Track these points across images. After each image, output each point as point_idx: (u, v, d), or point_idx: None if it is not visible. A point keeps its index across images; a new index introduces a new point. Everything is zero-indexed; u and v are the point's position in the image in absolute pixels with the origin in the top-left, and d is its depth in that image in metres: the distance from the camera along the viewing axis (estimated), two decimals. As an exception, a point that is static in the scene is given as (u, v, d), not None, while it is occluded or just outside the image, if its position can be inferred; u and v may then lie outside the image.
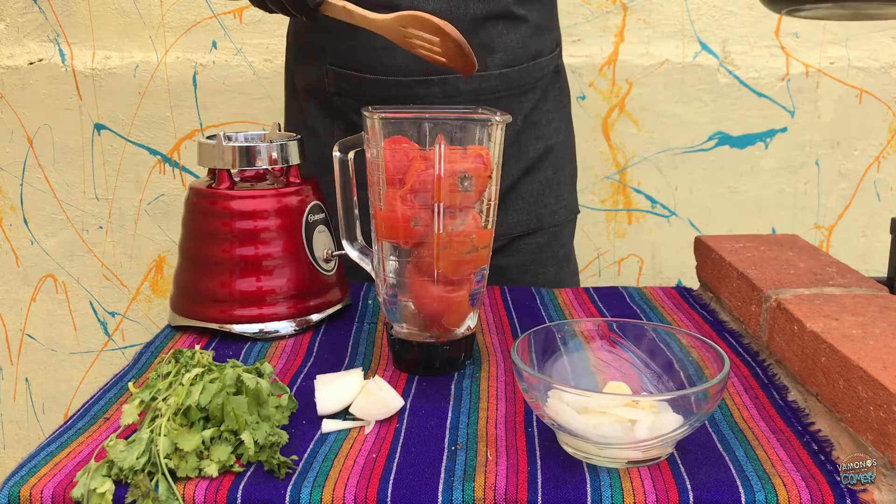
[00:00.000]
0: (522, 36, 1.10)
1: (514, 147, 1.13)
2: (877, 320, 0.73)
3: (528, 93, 1.13)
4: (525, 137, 1.14)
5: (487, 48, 1.07)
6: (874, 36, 1.66)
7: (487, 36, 1.07)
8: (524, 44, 1.10)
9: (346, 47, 1.08)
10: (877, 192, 1.73)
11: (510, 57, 1.09)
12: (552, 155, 1.17)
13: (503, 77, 1.09)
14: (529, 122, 1.14)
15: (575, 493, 0.59)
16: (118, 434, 0.66)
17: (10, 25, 1.66)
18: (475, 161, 0.73)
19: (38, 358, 1.82)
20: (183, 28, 1.65)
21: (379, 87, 1.07)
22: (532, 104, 1.14)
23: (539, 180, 1.16)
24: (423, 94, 1.07)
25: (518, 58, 1.10)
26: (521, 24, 1.09)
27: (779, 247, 0.98)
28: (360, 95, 1.09)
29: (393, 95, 1.07)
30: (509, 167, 1.13)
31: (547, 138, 1.16)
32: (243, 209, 0.88)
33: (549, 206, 1.17)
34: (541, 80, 1.14)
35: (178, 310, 0.91)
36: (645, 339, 0.72)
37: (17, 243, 1.76)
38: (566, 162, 1.21)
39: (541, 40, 1.13)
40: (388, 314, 0.80)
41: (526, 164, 1.15)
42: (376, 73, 1.07)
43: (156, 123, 1.69)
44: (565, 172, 1.20)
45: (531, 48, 1.11)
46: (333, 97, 1.11)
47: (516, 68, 1.10)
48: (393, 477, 0.61)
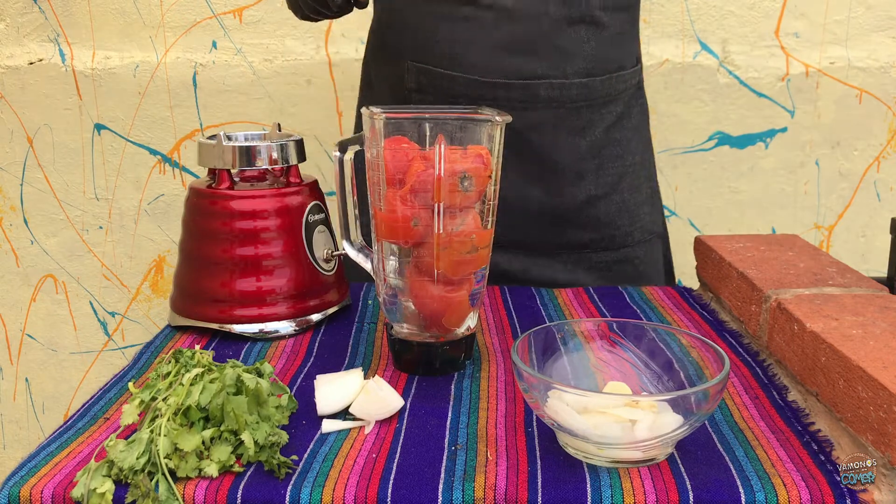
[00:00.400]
0: (604, 44, 1.07)
1: (594, 163, 1.11)
2: (877, 320, 0.73)
3: (608, 104, 1.10)
4: (606, 155, 1.12)
5: (566, 53, 1.05)
6: (874, 36, 1.66)
7: (568, 40, 1.05)
8: (606, 53, 1.08)
9: (427, 43, 1.07)
10: (877, 192, 1.73)
11: (591, 65, 1.07)
12: (629, 176, 1.15)
13: (583, 87, 1.07)
14: (611, 138, 1.12)
15: (575, 493, 0.59)
16: (118, 434, 0.66)
17: (10, 25, 1.66)
18: (475, 161, 0.73)
19: (38, 358, 1.82)
20: (183, 28, 1.65)
21: (458, 85, 1.06)
22: (614, 118, 1.12)
23: (616, 202, 1.14)
24: (501, 97, 1.06)
25: (599, 67, 1.08)
26: (604, 31, 1.07)
27: (779, 247, 0.98)
28: (439, 92, 1.08)
29: (470, 95, 1.06)
30: (587, 183, 1.11)
31: (625, 158, 1.14)
32: (243, 209, 0.88)
33: (623, 228, 1.15)
34: (623, 93, 1.12)
35: (179, 310, 0.91)
36: (645, 339, 0.72)
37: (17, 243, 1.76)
38: (643, 181, 1.18)
39: (623, 52, 1.11)
40: (388, 314, 0.80)
41: (604, 184, 1.12)
42: (455, 70, 1.06)
43: (156, 123, 1.69)
44: (642, 192, 1.18)
45: (613, 59, 1.09)
46: (412, 93, 1.10)
47: (598, 79, 1.08)
48: (393, 477, 0.61)
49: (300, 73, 1.66)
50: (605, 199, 1.13)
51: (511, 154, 1.07)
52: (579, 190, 1.11)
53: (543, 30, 1.03)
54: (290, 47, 1.65)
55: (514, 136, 1.07)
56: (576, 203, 1.11)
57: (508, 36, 1.03)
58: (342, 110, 1.68)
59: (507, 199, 1.09)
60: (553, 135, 1.08)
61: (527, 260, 1.13)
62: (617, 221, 1.14)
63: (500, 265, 1.12)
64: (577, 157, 1.10)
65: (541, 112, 1.06)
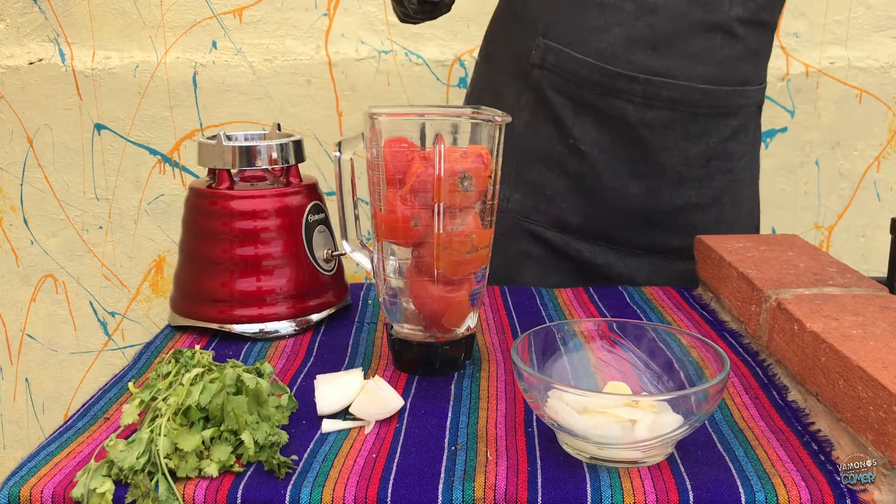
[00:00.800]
0: (735, 57, 1.07)
1: (702, 171, 1.10)
2: (877, 320, 0.73)
3: (728, 117, 1.10)
4: (715, 166, 1.11)
5: (697, 57, 1.05)
6: (874, 36, 1.66)
7: (700, 45, 1.04)
8: (735, 66, 1.07)
9: (562, 23, 1.07)
10: (877, 192, 1.73)
11: (717, 73, 1.06)
12: (733, 190, 1.14)
13: (707, 93, 1.06)
14: (725, 151, 1.11)
15: (575, 493, 0.59)
16: (118, 434, 0.66)
17: (10, 25, 1.66)
18: (475, 161, 0.73)
19: (38, 358, 1.83)
20: (183, 28, 1.65)
21: (582, 69, 1.06)
22: (731, 132, 1.11)
23: (714, 214, 1.13)
24: (622, 88, 1.05)
25: (725, 78, 1.07)
26: (738, 43, 1.06)
27: (779, 247, 0.98)
28: (563, 72, 1.07)
29: (592, 80, 1.06)
30: (688, 189, 1.10)
31: (734, 173, 1.13)
32: (243, 209, 0.88)
33: None
34: (745, 108, 1.11)
35: (179, 310, 0.91)
36: (645, 339, 0.72)
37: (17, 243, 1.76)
38: (745, 199, 1.17)
39: (752, 68, 1.10)
40: (388, 314, 0.80)
41: (707, 195, 1.11)
42: (584, 54, 1.06)
43: (156, 123, 1.69)
44: (743, 209, 1.17)
45: (741, 72, 1.09)
46: (534, 69, 1.10)
47: (723, 88, 1.07)
48: (393, 477, 0.61)
49: (300, 73, 1.66)
50: (703, 209, 1.12)
51: (618, 146, 1.08)
52: (679, 195, 1.10)
53: (680, 30, 1.04)
54: (290, 47, 1.65)
55: (626, 129, 1.07)
56: (673, 207, 1.11)
57: (645, 30, 1.03)
58: (342, 110, 1.68)
59: (605, 189, 1.10)
60: (665, 136, 1.07)
61: (612, 255, 1.13)
62: (710, 233, 1.12)
63: (585, 255, 1.13)
64: (684, 162, 1.09)
65: (658, 111, 1.06)
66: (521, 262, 1.14)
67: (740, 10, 1.05)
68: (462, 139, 0.74)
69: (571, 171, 1.10)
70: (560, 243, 1.13)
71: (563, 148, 1.10)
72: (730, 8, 1.04)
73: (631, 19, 1.04)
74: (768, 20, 1.10)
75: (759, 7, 1.06)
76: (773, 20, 1.11)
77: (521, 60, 1.12)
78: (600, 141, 1.08)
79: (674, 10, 1.03)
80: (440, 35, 1.65)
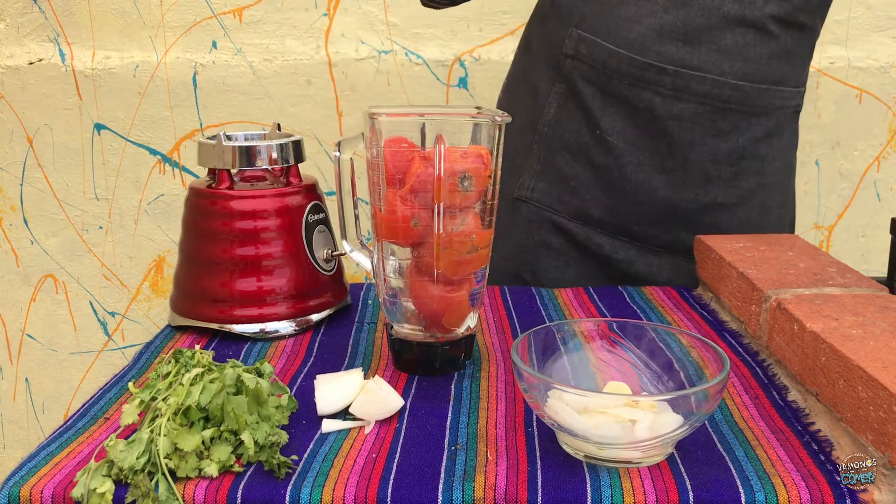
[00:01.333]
0: (769, 55, 1.06)
1: (730, 170, 1.09)
2: (877, 320, 0.73)
3: (760, 116, 1.08)
4: (745, 166, 1.10)
5: (728, 52, 1.04)
6: (874, 36, 1.66)
7: (732, 40, 1.04)
8: (768, 62, 1.06)
9: (596, 13, 1.07)
10: (877, 192, 1.73)
11: (749, 69, 1.05)
12: (762, 194, 1.12)
13: (738, 89, 1.05)
14: (756, 152, 1.10)
15: (575, 493, 0.59)
16: (118, 434, 0.66)
17: (10, 25, 1.66)
18: (475, 161, 0.73)
19: (38, 358, 1.82)
20: (183, 28, 1.65)
21: (614, 59, 1.06)
22: (764, 132, 1.09)
23: (740, 216, 1.11)
24: (651, 80, 1.05)
25: (758, 75, 1.06)
26: (771, 41, 1.05)
27: (779, 247, 0.98)
28: (594, 62, 1.07)
29: (622, 71, 1.06)
30: (715, 187, 1.09)
31: (764, 175, 1.11)
32: (243, 209, 0.88)
33: None
34: (779, 109, 1.10)
35: (178, 310, 0.91)
36: (645, 339, 0.72)
37: (17, 243, 1.76)
38: (775, 205, 1.15)
39: (788, 67, 1.08)
40: (388, 314, 0.80)
41: (734, 195, 1.10)
42: (615, 44, 1.06)
43: (156, 123, 1.69)
44: (771, 215, 1.15)
45: (775, 71, 1.07)
46: (567, 59, 1.10)
47: (755, 85, 1.06)
48: (393, 477, 0.61)
49: (300, 73, 1.66)
50: (729, 210, 1.11)
51: (644, 137, 1.07)
52: (705, 192, 1.09)
53: (712, 24, 1.03)
54: (290, 47, 1.65)
55: (653, 122, 1.07)
56: (698, 205, 1.10)
57: (676, 22, 1.03)
58: (342, 110, 1.68)
59: (629, 181, 1.09)
60: (692, 130, 1.06)
61: (634, 251, 1.12)
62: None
63: (605, 249, 1.12)
64: (711, 158, 1.08)
65: (686, 104, 1.05)
66: (540, 252, 1.14)
67: (775, 7, 1.04)
68: (462, 139, 0.74)
69: (597, 162, 1.09)
70: (581, 235, 1.12)
71: (590, 139, 1.09)
72: (764, 5, 1.03)
73: (662, 11, 1.04)
74: (806, 22, 1.08)
75: (794, 7, 1.05)
76: (811, 23, 1.09)
77: (555, 51, 1.12)
78: (627, 132, 1.08)
79: (706, 3, 1.03)
80: (440, 35, 1.65)
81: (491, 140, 0.75)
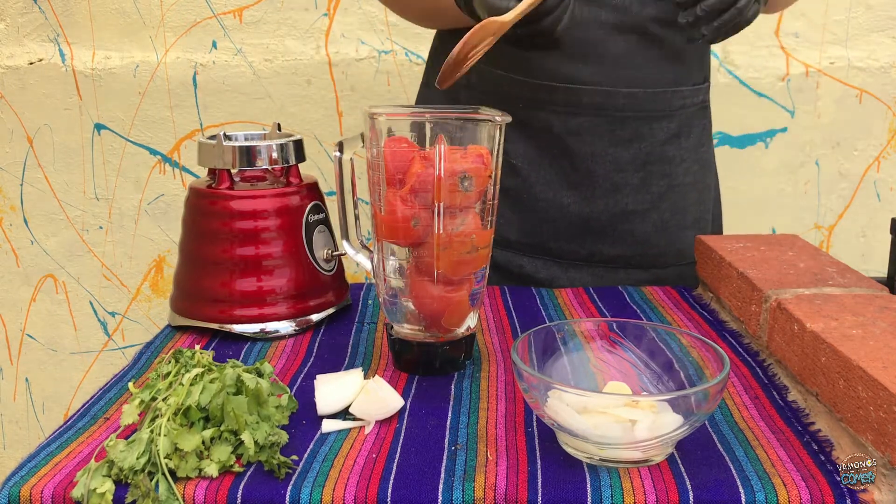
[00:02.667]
0: (659, 58, 1.05)
1: (637, 176, 1.08)
2: (877, 320, 0.73)
3: (662, 120, 1.07)
4: (652, 171, 1.09)
5: (614, 62, 1.03)
6: (874, 36, 1.66)
7: (616, 49, 1.03)
8: (658, 66, 1.05)
9: None
10: (877, 192, 1.74)
11: (640, 75, 1.04)
12: (674, 194, 1.11)
13: (631, 97, 1.04)
14: (662, 156, 1.09)
15: (575, 493, 0.59)
16: (118, 434, 0.66)
17: (10, 25, 1.66)
18: (475, 161, 0.73)
19: (38, 358, 1.83)
20: (183, 28, 1.65)
21: (505, 84, 1.06)
22: (668, 134, 1.08)
23: (653, 220, 1.11)
24: (544, 99, 1.05)
25: (650, 79, 1.05)
26: (656, 44, 1.04)
27: (779, 247, 0.98)
28: (487, 89, 1.07)
29: (516, 95, 1.06)
30: (623, 196, 1.08)
31: (673, 177, 1.10)
32: (243, 209, 0.88)
33: (657, 248, 1.12)
34: (681, 109, 1.09)
35: (178, 310, 0.91)
36: (645, 339, 0.72)
37: (17, 243, 1.76)
38: (691, 204, 1.14)
39: (681, 67, 1.08)
40: (388, 314, 0.80)
41: (644, 200, 1.09)
42: (504, 70, 1.05)
43: (156, 123, 1.69)
44: (688, 216, 1.13)
45: (667, 73, 1.06)
46: (461, 90, 1.10)
47: (649, 90, 1.05)
48: (393, 477, 0.61)
49: (300, 73, 1.66)
50: (641, 216, 1.10)
51: (546, 157, 1.07)
52: (615, 202, 1.09)
53: (595, 36, 1.02)
54: (290, 47, 1.65)
55: (553, 140, 1.07)
56: (609, 215, 1.09)
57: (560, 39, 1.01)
58: (342, 110, 1.69)
59: (539, 201, 1.09)
60: (592, 143, 1.06)
61: (556, 268, 1.12)
62: (652, 240, 1.11)
63: (527, 270, 1.12)
64: (616, 168, 1.07)
65: (582, 118, 1.05)
66: None
67: (653, 10, 1.02)
68: (462, 139, 0.74)
69: (506, 185, 1.09)
70: (502, 260, 1.12)
71: None
72: (641, 9, 1.02)
73: None
74: None
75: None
76: None
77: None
78: (529, 154, 1.08)
79: (585, 16, 1.01)
80: (440, 35, 1.65)
81: (491, 140, 0.75)
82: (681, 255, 1.13)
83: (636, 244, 1.11)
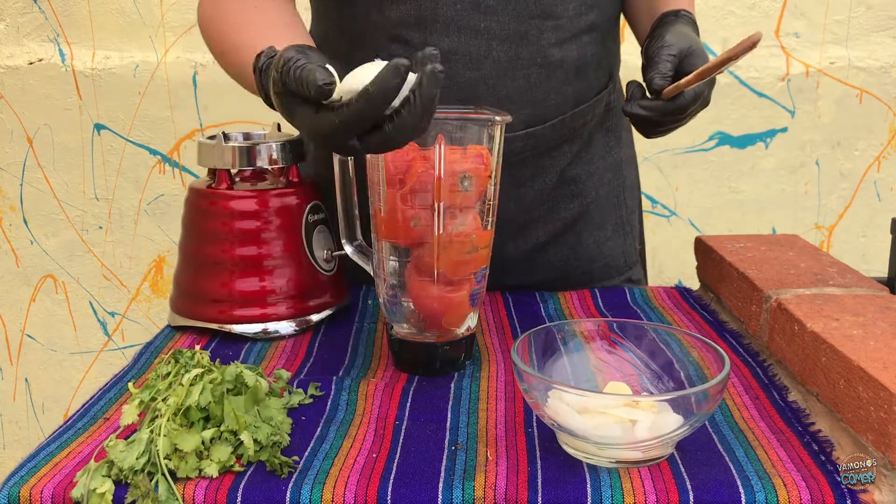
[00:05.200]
0: (560, 83, 0.94)
1: (543, 208, 1.01)
2: (877, 320, 0.73)
3: (563, 145, 0.99)
4: (559, 196, 1.02)
5: (511, 102, 0.92)
6: (874, 36, 1.66)
7: (513, 87, 0.92)
8: (560, 91, 0.94)
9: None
10: (877, 192, 1.73)
11: (540, 112, 0.94)
12: (589, 213, 1.04)
13: (531, 136, 0.95)
14: (566, 177, 1.01)
15: (575, 493, 0.59)
16: (118, 434, 0.66)
17: (10, 25, 1.66)
18: (475, 161, 0.73)
19: (38, 358, 1.83)
20: (183, 28, 1.65)
21: None
22: (570, 158, 1.00)
23: (569, 243, 1.04)
24: None
25: (550, 111, 0.95)
26: (558, 69, 0.93)
27: (779, 247, 0.98)
28: None
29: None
30: (535, 230, 1.02)
31: (584, 195, 1.03)
32: (243, 209, 0.88)
33: (580, 268, 1.06)
34: (582, 128, 1.00)
35: (178, 310, 0.91)
36: (645, 340, 0.72)
37: (17, 243, 1.76)
38: (608, 214, 1.06)
39: (584, 82, 0.97)
40: (388, 314, 0.80)
41: (554, 229, 1.03)
42: None
43: (156, 123, 1.69)
44: (606, 228, 1.06)
45: (568, 95, 0.96)
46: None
47: (549, 124, 0.95)
48: (393, 476, 0.61)
49: (300, 73, 1.65)
50: (554, 243, 1.04)
51: None
52: (525, 240, 1.02)
53: (484, 75, 0.91)
54: (290, 47, 1.65)
55: None
56: (522, 252, 1.03)
57: (451, 86, 0.90)
58: (342, 110, 1.68)
59: None
60: None
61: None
62: (572, 262, 1.05)
63: None
64: (521, 209, 1.00)
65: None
66: None
67: (552, 35, 0.91)
68: (462, 139, 0.74)
69: None
70: None
71: None
72: (539, 36, 0.90)
73: None
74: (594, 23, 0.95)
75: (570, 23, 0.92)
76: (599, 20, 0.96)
77: None
78: None
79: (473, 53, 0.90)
80: (440, 35, 1.65)
81: (491, 140, 0.75)
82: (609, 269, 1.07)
83: (554, 269, 1.05)
